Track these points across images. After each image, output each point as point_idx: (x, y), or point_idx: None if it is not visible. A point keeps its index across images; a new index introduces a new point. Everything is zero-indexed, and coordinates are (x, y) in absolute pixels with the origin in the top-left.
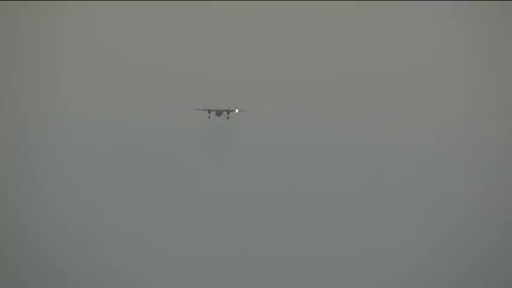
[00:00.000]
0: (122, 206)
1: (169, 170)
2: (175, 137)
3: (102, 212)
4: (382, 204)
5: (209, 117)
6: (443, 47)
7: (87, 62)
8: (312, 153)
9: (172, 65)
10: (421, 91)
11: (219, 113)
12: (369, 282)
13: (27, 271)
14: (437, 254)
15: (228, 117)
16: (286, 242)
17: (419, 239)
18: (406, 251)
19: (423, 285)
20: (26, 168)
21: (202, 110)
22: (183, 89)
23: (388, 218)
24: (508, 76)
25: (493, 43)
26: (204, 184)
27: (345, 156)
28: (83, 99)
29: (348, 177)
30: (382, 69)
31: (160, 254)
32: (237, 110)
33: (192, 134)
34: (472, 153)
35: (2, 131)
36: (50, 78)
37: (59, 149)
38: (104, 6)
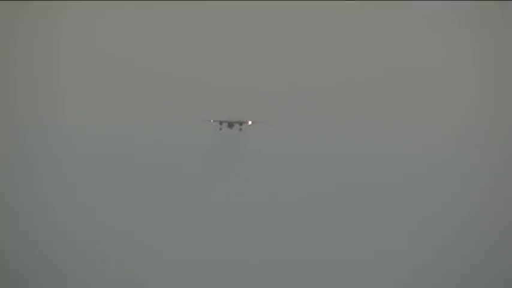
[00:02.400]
0: (125, 211)
1: (176, 178)
2: (184, 146)
3: (103, 215)
4: (389, 207)
5: (220, 129)
6: (443, 48)
7: (89, 64)
8: (316, 161)
9: (181, 74)
10: (422, 92)
11: (231, 125)
12: (373, 283)
13: (27, 271)
14: (439, 255)
15: (240, 129)
16: (294, 249)
17: (422, 241)
18: (410, 252)
19: (424, 286)
20: (26, 170)
21: (214, 121)
22: (193, 99)
23: (393, 220)
24: (508, 76)
25: (493, 43)
26: (210, 191)
27: (350, 161)
28: (84, 104)
29: (354, 181)
30: (384, 73)
31: (164, 260)
32: (250, 122)
33: (201, 143)
34: (474, 155)
35: (1, 133)
36: (52, 79)
37: (65, 152)
38: (107, 7)
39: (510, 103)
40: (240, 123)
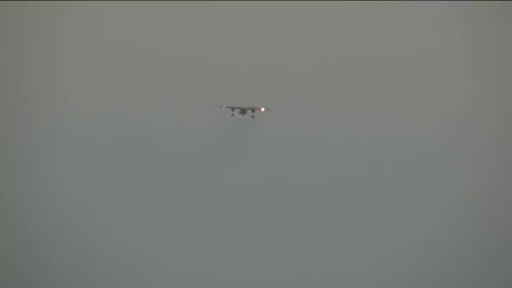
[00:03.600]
0: (134, 200)
1: (184, 165)
2: (195, 131)
3: (111, 209)
4: (387, 202)
5: (232, 115)
6: (443, 47)
7: (90, 63)
8: (316, 150)
9: (190, 58)
10: (420, 90)
11: (243, 111)
12: (375, 280)
13: (27, 271)
14: (435, 252)
15: (253, 116)
16: (306, 235)
17: (418, 236)
18: (407, 248)
19: (422, 283)
20: (26, 168)
21: (226, 107)
22: (203, 83)
23: (392, 215)
24: (507, 75)
25: (493, 43)
26: (220, 178)
27: (363, 146)
28: (90, 94)
29: (365, 166)
30: (384, 70)
31: (174, 251)
32: (262, 109)
33: (210, 129)
34: (471, 151)
35: (3, 128)
36: (52, 78)
37: (74, 146)
38: (107, 7)
39: (509, 102)
40: (253, 110)
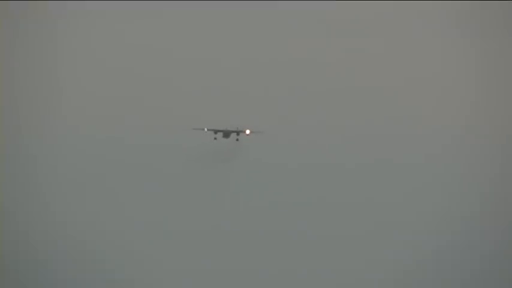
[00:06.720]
0: (123, 217)
1: (172, 183)
2: (181, 151)
3: (102, 219)
4: (389, 214)
5: (215, 138)
6: (443, 48)
7: (88, 69)
8: (317, 169)
9: (180, 80)
10: (422, 97)
11: (226, 134)
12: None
13: (27, 273)
14: (439, 262)
15: (237, 139)
16: (293, 257)
17: (422, 247)
18: (410, 259)
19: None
20: (26, 173)
21: (208, 130)
22: (184, 106)
23: (392, 227)
24: (509, 78)
25: (493, 43)
26: (208, 198)
27: (349, 168)
28: (83, 109)
29: (354, 189)
30: (384, 78)
31: (160, 267)
32: (247, 131)
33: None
34: (475, 162)
35: (2, 137)
36: (53, 82)
37: (64, 156)
38: (107, 7)
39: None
40: (237, 133)
